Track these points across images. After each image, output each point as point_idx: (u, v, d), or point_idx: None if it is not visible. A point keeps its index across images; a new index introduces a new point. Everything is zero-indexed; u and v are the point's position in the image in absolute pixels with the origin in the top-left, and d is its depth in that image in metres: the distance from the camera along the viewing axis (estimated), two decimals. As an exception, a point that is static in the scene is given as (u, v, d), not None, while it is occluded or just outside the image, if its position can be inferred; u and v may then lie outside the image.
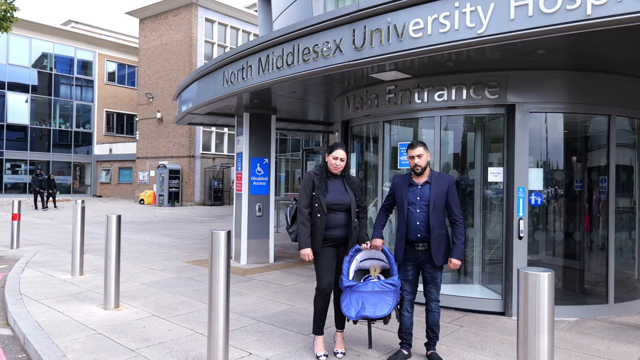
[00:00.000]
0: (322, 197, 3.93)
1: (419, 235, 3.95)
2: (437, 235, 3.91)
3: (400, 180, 4.14)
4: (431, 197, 3.94)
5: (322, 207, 3.92)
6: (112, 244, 5.44)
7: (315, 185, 4.01)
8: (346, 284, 3.90)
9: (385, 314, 3.80)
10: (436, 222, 3.92)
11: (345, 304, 3.87)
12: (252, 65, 6.20)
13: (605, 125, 5.63)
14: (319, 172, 4.09)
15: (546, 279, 2.41)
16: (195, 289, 6.47)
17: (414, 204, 3.99)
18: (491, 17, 3.95)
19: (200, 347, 4.22)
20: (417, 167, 3.98)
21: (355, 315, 3.79)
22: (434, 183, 3.98)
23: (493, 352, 4.26)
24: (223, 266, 3.65)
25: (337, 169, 4.04)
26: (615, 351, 4.35)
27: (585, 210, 5.78)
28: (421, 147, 3.98)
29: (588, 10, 3.52)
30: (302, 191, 4.04)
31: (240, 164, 8.52)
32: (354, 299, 3.87)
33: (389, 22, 4.54)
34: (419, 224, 3.95)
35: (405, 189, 4.05)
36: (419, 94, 5.82)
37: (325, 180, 4.02)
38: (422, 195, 3.98)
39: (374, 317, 3.79)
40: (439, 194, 3.94)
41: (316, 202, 3.96)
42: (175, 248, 10.25)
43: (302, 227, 3.96)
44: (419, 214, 3.96)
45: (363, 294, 3.87)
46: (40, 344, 4.19)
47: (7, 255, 8.92)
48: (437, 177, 4.02)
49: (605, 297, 5.54)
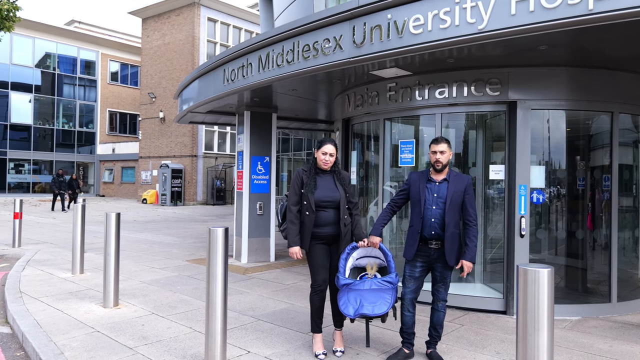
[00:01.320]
0: (310, 195, 3.90)
1: (433, 232, 3.89)
2: (451, 234, 3.85)
3: (418, 176, 4.07)
4: (448, 195, 3.89)
5: (311, 205, 3.89)
6: (111, 242, 5.42)
7: (304, 183, 3.97)
8: (343, 282, 3.86)
9: (383, 312, 3.76)
10: (451, 220, 3.86)
11: (343, 302, 3.84)
12: (253, 63, 6.17)
13: (607, 122, 5.58)
14: (308, 168, 4.05)
15: (546, 276, 2.37)
16: (195, 287, 6.45)
17: (430, 201, 3.94)
18: (492, 12, 3.91)
19: (198, 345, 4.19)
20: (437, 163, 3.92)
21: (353, 313, 3.76)
22: (452, 181, 3.93)
23: (494, 351, 4.22)
24: (221, 263, 3.62)
25: (327, 165, 3.99)
26: (618, 350, 4.30)
27: (587, 208, 5.73)
28: (445, 143, 3.94)
29: (590, 5, 3.47)
30: (291, 189, 4.03)
31: (241, 162, 8.49)
32: (352, 297, 3.83)
33: (389, 19, 4.51)
34: (434, 220, 3.90)
35: (423, 185, 3.99)
36: (420, 91, 5.78)
37: (314, 177, 3.98)
38: (440, 193, 3.93)
39: (372, 315, 3.75)
40: (456, 192, 3.89)
41: (305, 199, 3.92)
42: (176, 247, 10.24)
43: (290, 225, 3.95)
44: (435, 210, 3.91)
45: (361, 291, 3.83)
46: (38, 342, 4.17)
47: (9, 254, 8.92)
48: (455, 176, 3.97)
49: (608, 296, 5.49)
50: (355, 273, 4.07)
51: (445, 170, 3.98)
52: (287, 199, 4.11)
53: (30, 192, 30.81)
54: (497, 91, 5.36)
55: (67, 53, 32.52)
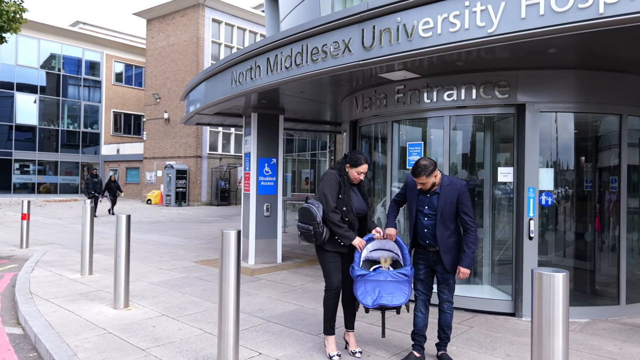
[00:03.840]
0: (350, 203, 3.99)
1: (427, 241, 3.97)
2: (446, 244, 3.90)
3: (413, 183, 4.06)
4: (439, 208, 3.90)
5: (352, 212, 3.99)
6: (121, 244, 5.45)
7: (340, 188, 4.03)
8: (358, 273, 3.86)
9: (402, 303, 3.78)
10: (443, 232, 3.89)
11: (361, 291, 3.83)
12: (261, 65, 6.20)
13: (616, 124, 5.58)
14: (341, 175, 4.08)
15: (561, 280, 2.39)
16: (204, 288, 6.48)
17: (422, 212, 3.99)
18: (502, 16, 3.92)
19: (210, 347, 4.23)
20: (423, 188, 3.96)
21: (372, 303, 3.76)
22: (442, 193, 3.91)
23: (504, 353, 4.23)
24: (233, 266, 3.65)
25: (357, 181, 4.12)
26: (628, 353, 4.31)
27: (595, 210, 5.73)
28: (424, 176, 3.83)
29: (600, 9, 3.48)
30: (330, 191, 3.98)
31: (248, 164, 8.53)
32: (369, 287, 3.83)
33: (398, 22, 4.53)
34: (427, 231, 3.95)
35: (415, 195, 4.03)
36: (428, 93, 5.79)
37: (348, 190, 4.06)
38: (430, 205, 3.95)
39: (391, 306, 3.77)
40: (447, 204, 3.88)
41: (343, 205, 3.97)
42: (182, 248, 10.28)
43: (339, 225, 3.91)
44: (427, 221, 3.95)
45: (380, 282, 3.83)
46: (51, 343, 4.21)
47: (17, 255, 8.98)
48: (447, 186, 3.92)
49: (617, 298, 5.49)
50: (366, 265, 4.07)
51: (436, 182, 3.93)
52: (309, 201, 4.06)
53: (35, 193, 30.95)
54: (506, 94, 5.37)
55: (72, 54, 32.68)
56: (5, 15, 12.94)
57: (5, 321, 5.19)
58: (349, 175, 4.08)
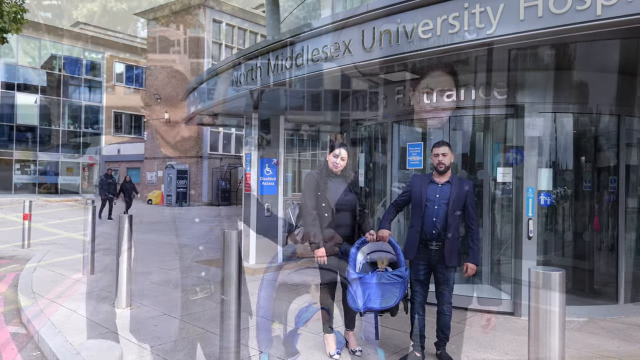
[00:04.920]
0: (327, 196, 3.95)
1: (434, 232, 3.93)
2: (452, 235, 3.91)
3: (420, 179, 4.13)
4: (451, 196, 3.94)
5: (330, 205, 3.94)
6: (123, 244, 5.49)
7: (318, 185, 4.01)
8: (353, 276, 3.88)
9: (391, 306, 3.78)
10: (453, 220, 3.92)
11: (351, 296, 3.86)
12: (262, 66, 6.24)
13: (614, 125, 5.62)
14: (319, 170, 4.10)
15: (557, 279, 2.43)
16: (205, 288, 6.52)
17: (432, 201, 3.99)
18: (501, 17, 3.96)
19: (211, 346, 4.26)
20: (440, 165, 3.98)
21: (362, 307, 3.79)
22: (454, 184, 3.99)
23: (503, 352, 4.27)
24: (235, 265, 3.68)
25: (337, 168, 4.03)
26: (626, 351, 4.34)
27: (594, 210, 5.77)
28: (447, 146, 4.02)
29: (598, 11, 3.52)
30: (307, 192, 4.02)
31: (249, 164, 8.56)
32: (360, 291, 3.86)
33: (398, 23, 4.57)
34: (436, 220, 3.94)
35: (425, 187, 4.05)
36: (428, 94, 5.83)
37: (325, 179, 4.02)
38: (442, 194, 3.98)
39: (380, 309, 3.79)
40: (459, 195, 3.95)
41: (322, 201, 3.96)
42: (184, 248, 10.31)
43: (313, 229, 3.91)
44: (437, 210, 3.96)
45: (370, 285, 3.84)
46: (54, 342, 4.25)
47: (19, 255, 9.02)
48: (458, 180, 4.04)
49: (616, 297, 5.53)
50: (367, 268, 4.09)
51: (448, 173, 4.04)
52: (296, 203, 4.14)
53: (36, 193, 30.98)
54: (505, 95, 5.41)
55: (72, 54, 32.70)
56: (7, 16, 12.98)
57: (8, 320, 5.24)
58: (327, 164, 4.07)
